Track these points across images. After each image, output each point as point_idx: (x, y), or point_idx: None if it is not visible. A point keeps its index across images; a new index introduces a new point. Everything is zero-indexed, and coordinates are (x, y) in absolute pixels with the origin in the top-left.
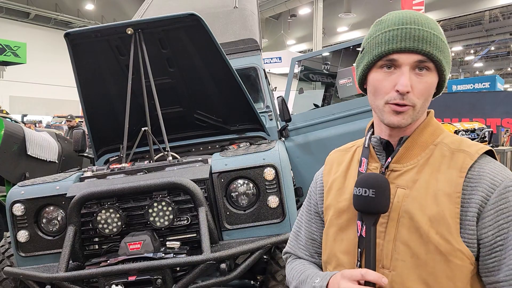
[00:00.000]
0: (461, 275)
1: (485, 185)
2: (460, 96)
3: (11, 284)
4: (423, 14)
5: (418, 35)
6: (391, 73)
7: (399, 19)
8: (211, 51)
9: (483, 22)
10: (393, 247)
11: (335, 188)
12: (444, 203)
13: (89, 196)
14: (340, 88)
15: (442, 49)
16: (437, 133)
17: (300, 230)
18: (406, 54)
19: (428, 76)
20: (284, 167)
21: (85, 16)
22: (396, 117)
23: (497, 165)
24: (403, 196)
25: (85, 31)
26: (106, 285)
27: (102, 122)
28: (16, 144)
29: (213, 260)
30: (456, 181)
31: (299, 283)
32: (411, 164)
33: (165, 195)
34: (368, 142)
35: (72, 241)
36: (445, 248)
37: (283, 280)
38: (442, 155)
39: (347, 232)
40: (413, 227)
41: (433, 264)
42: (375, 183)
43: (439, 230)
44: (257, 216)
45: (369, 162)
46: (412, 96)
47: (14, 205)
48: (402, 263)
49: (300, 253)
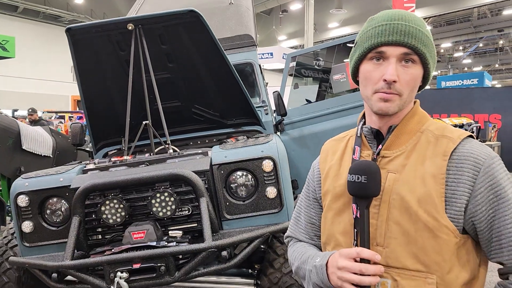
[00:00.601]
0: (447, 248)
1: (470, 165)
2: (448, 92)
3: (14, 274)
4: (411, 13)
5: (404, 30)
6: (380, 64)
7: (388, 16)
8: (209, 47)
9: (472, 19)
10: (386, 226)
11: (331, 175)
12: (430, 184)
13: (93, 187)
14: (334, 83)
15: (427, 44)
16: (423, 121)
17: (300, 215)
18: (393, 47)
19: (414, 68)
20: (281, 159)
21: (74, 10)
22: (384, 104)
23: (477, 145)
24: (394, 180)
25: (86, 27)
26: (111, 272)
27: (101, 116)
28: (11, 139)
29: (215, 248)
30: (441, 164)
31: (301, 263)
32: (400, 150)
33: (167, 186)
34: (360, 132)
35: (77, 231)
36: (433, 225)
37: (280, 268)
38: (427, 141)
39: (344, 214)
40: (404, 208)
41: (422, 240)
42: (367, 170)
43: (427, 209)
44: (256, 206)
45: (361, 150)
46: (398, 86)
47: (18, 196)
48: (394, 241)
49: (300, 237)
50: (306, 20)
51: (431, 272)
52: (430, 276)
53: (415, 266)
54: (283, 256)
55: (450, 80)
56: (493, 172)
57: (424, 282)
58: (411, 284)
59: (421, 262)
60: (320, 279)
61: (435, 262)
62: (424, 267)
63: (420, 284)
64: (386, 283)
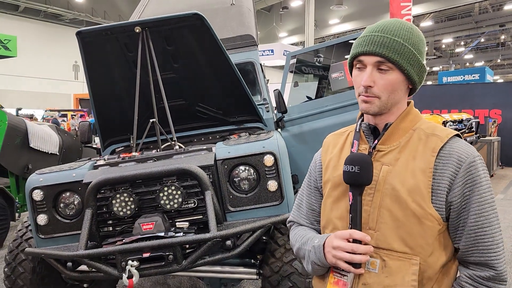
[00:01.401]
0: (431, 233)
1: (454, 162)
2: (449, 87)
3: (29, 264)
4: (399, 23)
5: (378, 41)
6: (361, 71)
7: (373, 27)
8: (213, 48)
9: (473, 14)
10: (378, 212)
11: (331, 166)
12: (419, 177)
13: (105, 182)
14: (333, 81)
15: (402, 53)
16: (415, 120)
17: (302, 202)
18: (369, 56)
19: (390, 74)
20: (282, 154)
21: (75, 9)
22: (365, 105)
23: (463, 144)
24: (387, 172)
25: (96, 30)
26: (122, 261)
27: (109, 115)
28: (19, 137)
29: (219, 238)
30: (429, 159)
31: (301, 245)
32: (394, 145)
33: (174, 180)
34: (359, 127)
35: (89, 223)
36: (420, 213)
37: (281, 257)
38: (419, 138)
39: (341, 201)
40: (395, 197)
41: (410, 225)
42: (360, 161)
43: (415, 198)
44: (258, 199)
45: (359, 144)
46: (375, 90)
47: (33, 191)
48: (385, 225)
49: (301, 221)
50: (307, 16)
51: (416, 254)
52: (414, 257)
53: (402, 248)
54: (284, 246)
55: (452, 76)
56: (471, 170)
57: (409, 263)
58: (397, 264)
59: (407, 245)
60: (318, 257)
61: (419, 245)
62: (410, 250)
63: (405, 264)
64: (375, 262)
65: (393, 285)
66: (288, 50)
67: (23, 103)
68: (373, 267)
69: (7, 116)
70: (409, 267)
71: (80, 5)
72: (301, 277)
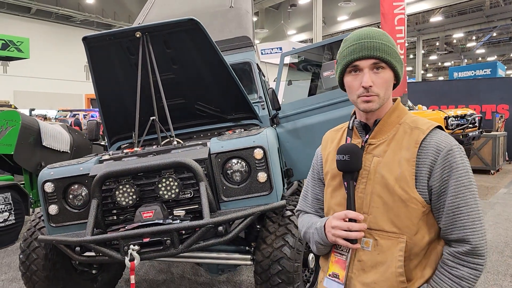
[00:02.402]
0: (416, 214)
1: (433, 151)
2: (457, 83)
3: (42, 251)
4: (378, 31)
5: (370, 46)
6: (357, 75)
7: (357, 36)
8: (209, 50)
9: (484, 8)
10: (370, 198)
11: (330, 159)
12: (404, 166)
13: (109, 174)
14: (324, 79)
15: (390, 53)
16: (402, 115)
17: (307, 193)
18: (364, 60)
19: (384, 73)
20: (271, 147)
21: (85, 10)
22: (367, 104)
23: (442, 135)
24: (377, 162)
25: (100, 35)
26: (125, 246)
27: (114, 114)
28: (32, 136)
29: (212, 224)
30: (413, 150)
31: (307, 229)
32: (383, 139)
33: (171, 172)
34: (352, 124)
35: (95, 212)
36: (405, 197)
37: (272, 243)
38: (404, 132)
39: (339, 190)
40: (384, 184)
41: (397, 209)
42: (349, 150)
43: (401, 185)
44: (249, 189)
45: (353, 139)
46: (374, 88)
47: (45, 183)
48: (376, 209)
49: (307, 210)
50: (315, 13)
51: (403, 233)
52: (401, 236)
53: (391, 228)
54: (275, 233)
55: (462, 71)
56: (449, 157)
57: (397, 241)
58: (387, 243)
59: (396, 226)
60: (320, 237)
61: (406, 226)
62: (398, 230)
63: (393, 243)
64: (368, 242)
65: (383, 261)
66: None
67: (36, 104)
68: (367, 246)
69: (20, 116)
70: (397, 245)
71: (90, 7)
72: (290, 261)
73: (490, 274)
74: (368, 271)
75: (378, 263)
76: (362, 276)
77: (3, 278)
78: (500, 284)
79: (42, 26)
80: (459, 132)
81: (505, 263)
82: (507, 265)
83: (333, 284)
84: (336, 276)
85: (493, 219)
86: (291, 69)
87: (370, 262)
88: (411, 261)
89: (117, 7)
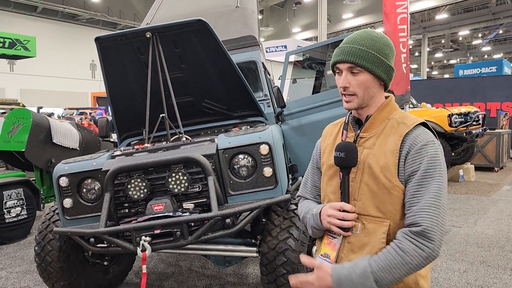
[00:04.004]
0: (398, 201)
1: (410, 143)
2: (461, 80)
3: (57, 243)
4: (367, 34)
5: (348, 51)
6: (340, 76)
7: (346, 40)
8: (216, 50)
9: (490, 6)
10: (359, 186)
11: (327, 151)
12: (389, 157)
13: (121, 169)
14: (328, 78)
15: (367, 58)
16: (391, 111)
17: (307, 180)
18: (342, 64)
19: (360, 76)
20: (276, 143)
21: (91, 9)
22: (346, 104)
23: (423, 132)
24: (367, 154)
25: (112, 36)
26: (137, 237)
27: (124, 112)
28: (43, 133)
29: (220, 216)
30: (397, 143)
31: (305, 214)
32: (373, 133)
33: (181, 167)
34: (348, 119)
35: (108, 205)
36: (389, 185)
37: (277, 236)
38: (392, 126)
39: (334, 179)
40: (371, 173)
41: (382, 196)
42: (346, 148)
43: (386, 174)
44: (255, 183)
45: (348, 133)
46: (351, 89)
47: (60, 178)
48: (364, 196)
49: (307, 196)
50: (320, 11)
51: (387, 218)
52: (386, 220)
53: (376, 214)
54: (280, 226)
55: (468, 69)
56: (421, 150)
57: (381, 225)
58: (373, 226)
59: (381, 211)
60: (316, 223)
61: (389, 211)
62: (382, 214)
63: (379, 226)
64: (357, 226)
65: (369, 242)
66: (301, 45)
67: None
68: (356, 229)
69: (31, 114)
70: (381, 228)
71: (96, 5)
72: (294, 253)
73: (491, 268)
74: (356, 252)
75: (364, 244)
76: (351, 256)
77: (17, 271)
78: (500, 277)
79: (48, 24)
80: (463, 130)
81: (505, 257)
82: (507, 259)
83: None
84: (327, 256)
85: (496, 215)
86: (295, 67)
87: (358, 243)
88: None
89: (122, 6)
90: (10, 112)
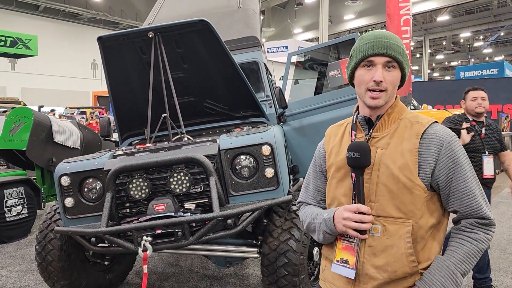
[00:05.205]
0: (419, 200)
1: (436, 142)
2: (463, 83)
3: (58, 242)
4: (391, 33)
5: (386, 45)
6: (370, 70)
7: (374, 35)
8: (218, 50)
9: (492, 8)
10: (376, 187)
11: (334, 152)
12: (407, 156)
13: (123, 169)
14: (330, 79)
15: (402, 54)
16: (402, 111)
17: (309, 185)
18: (379, 57)
19: (394, 72)
20: (278, 144)
21: (93, 8)
22: (374, 101)
23: (441, 127)
24: (381, 154)
25: (114, 35)
26: (138, 237)
27: (126, 111)
28: (44, 132)
29: (222, 217)
30: (414, 142)
31: (312, 219)
32: (385, 132)
33: (182, 167)
34: (355, 119)
35: (110, 204)
36: (409, 185)
37: (278, 237)
38: (405, 126)
39: (345, 181)
40: (389, 173)
41: (402, 196)
42: (360, 148)
43: (405, 173)
44: (257, 184)
45: (356, 133)
46: (384, 84)
47: (61, 177)
48: (382, 197)
49: (309, 201)
50: (321, 12)
51: (409, 218)
52: (407, 221)
53: (397, 214)
54: (281, 227)
55: (469, 71)
56: (451, 146)
57: (403, 225)
58: (395, 227)
59: (402, 211)
60: (329, 228)
61: (411, 211)
62: (404, 215)
63: (401, 227)
64: (377, 228)
65: (393, 244)
66: (302, 46)
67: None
68: (376, 232)
69: (32, 112)
70: (404, 229)
71: (98, 4)
72: (296, 254)
73: (492, 271)
74: (378, 255)
75: (387, 247)
76: (374, 260)
77: (18, 270)
78: (502, 280)
79: (50, 23)
80: None
81: (507, 260)
82: (509, 262)
83: (343, 270)
84: (345, 262)
85: (497, 217)
86: (297, 68)
87: (380, 246)
88: (418, 244)
89: (124, 5)
90: (11, 111)
